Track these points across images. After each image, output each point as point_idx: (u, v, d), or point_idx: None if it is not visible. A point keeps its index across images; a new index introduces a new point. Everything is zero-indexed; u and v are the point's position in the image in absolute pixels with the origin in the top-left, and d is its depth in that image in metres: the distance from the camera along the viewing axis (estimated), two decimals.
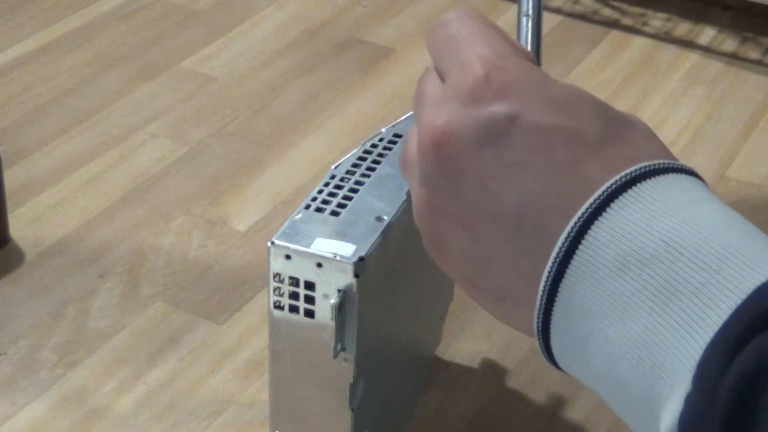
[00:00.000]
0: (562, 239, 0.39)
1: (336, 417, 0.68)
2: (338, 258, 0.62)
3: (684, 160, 1.21)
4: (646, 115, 1.19)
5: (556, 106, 0.42)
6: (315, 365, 0.66)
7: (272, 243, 0.63)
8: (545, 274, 0.40)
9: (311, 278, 0.63)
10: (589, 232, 0.39)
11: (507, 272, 0.42)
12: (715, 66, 1.28)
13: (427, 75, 0.46)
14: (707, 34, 1.34)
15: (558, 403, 0.82)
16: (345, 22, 1.34)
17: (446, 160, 0.42)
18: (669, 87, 1.24)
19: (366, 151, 0.71)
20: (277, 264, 0.63)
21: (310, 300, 0.64)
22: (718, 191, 1.07)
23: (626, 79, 1.25)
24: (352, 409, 0.67)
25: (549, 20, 1.36)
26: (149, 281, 0.93)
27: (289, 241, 0.63)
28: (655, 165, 0.40)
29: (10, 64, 1.22)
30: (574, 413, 0.82)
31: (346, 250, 0.62)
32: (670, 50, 1.31)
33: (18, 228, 0.98)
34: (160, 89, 1.19)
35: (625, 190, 0.39)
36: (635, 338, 0.38)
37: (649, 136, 0.43)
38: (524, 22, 0.53)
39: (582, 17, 1.37)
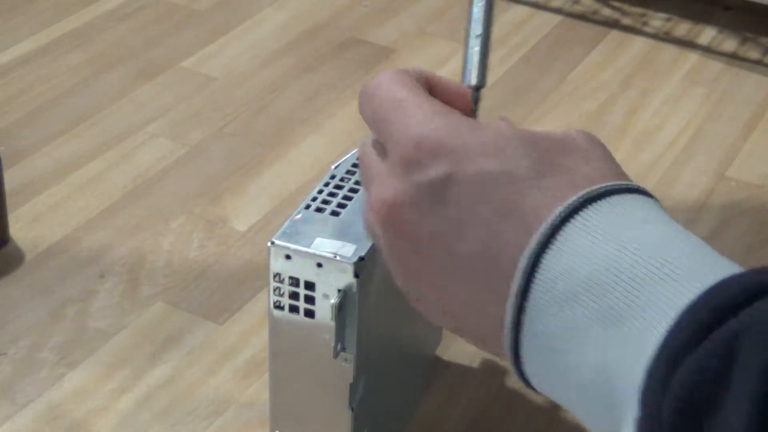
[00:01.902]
0: (514, 284, 0.41)
1: (336, 417, 0.68)
2: (338, 258, 0.62)
3: (684, 160, 1.21)
4: (646, 115, 1.19)
5: (484, 152, 0.43)
6: (315, 365, 0.66)
7: (272, 243, 0.63)
8: (506, 320, 0.42)
9: (311, 278, 0.63)
10: (537, 271, 0.40)
11: (479, 319, 0.44)
12: (715, 66, 1.28)
13: (366, 149, 0.49)
14: (707, 34, 1.34)
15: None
16: (345, 22, 1.34)
17: (401, 228, 0.44)
18: (669, 87, 1.24)
19: None
20: (277, 264, 0.63)
21: (310, 300, 0.64)
22: (718, 191, 1.07)
23: (626, 79, 1.25)
24: (352, 409, 0.67)
25: (549, 20, 1.36)
26: (149, 281, 0.93)
27: (289, 241, 0.63)
28: (593, 191, 0.41)
29: (10, 64, 1.22)
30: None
31: (346, 250, 0.62)
32: (670, 50, 1.31)
33: (18, 228, 0.98)
34: (160, 89, 1.19)
35: (566, 223, 0.40)
36: (592, 366, 0.39)
37: (589, 156, 0.44)
38: (473, 43, 0.55)
39: (582, 17, 1.37)
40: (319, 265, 0.62)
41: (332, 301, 0.63)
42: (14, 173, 1.04)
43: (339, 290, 0.63)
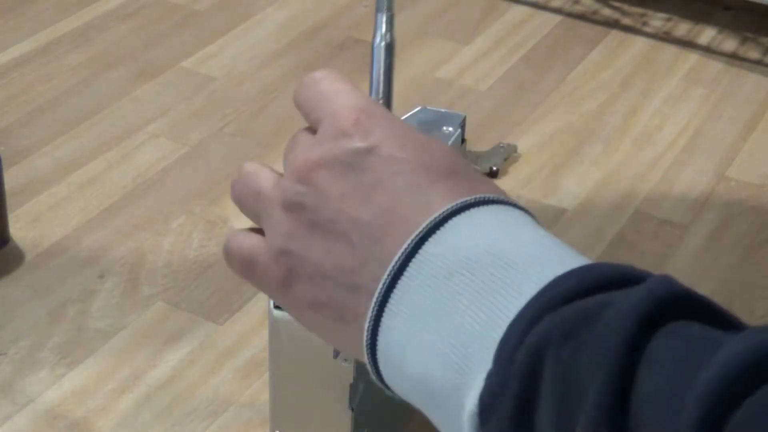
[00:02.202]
0: (399, 252, 0.44)
1: (336, 417, 0.68)
2: None
3: (684, 160, 1.21)
4: (646, 115, 1.19)
5: (414, 145, 0.47)
6: (315, 365, 0.66)
7: None
8: (379, 286, 0.44)
9: None
10: (423, 247, 0.44)
11: (353, 284, 0.46)
12: (715, 66, 1.28)
13: (297, 132, 0.52)
14: (707, 34, 1.34)
15: None
16: (345, 22, 1.34)
17: (315, 182, 0.47)
18: (669, 87, 1.24)
19: None
20: None
21: None
22: (718, 191, 1.07)
23: (626, 79, 1.25)
24: (352, 409, 0.67)
25: (549, 20, 1.36)
26: (149, 281, 0.93)
27: None
28: (487, 197, 0.45)
29: (10, 64, 1.22)
30: None
31: None
32: (670, 50, 1.31)
33: (18, 228, 0.98)
34: (160, 89, 1.19)
35: (459, 213, 0.44)
36: (449, 334, 0.42)
37: (489, 180, 0.49)
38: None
39: (582, 17, 1.37)
40: None
41: None
42: (14, 173, 1.04)
43: None
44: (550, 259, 0.42)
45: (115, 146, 1.10)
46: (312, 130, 0.51)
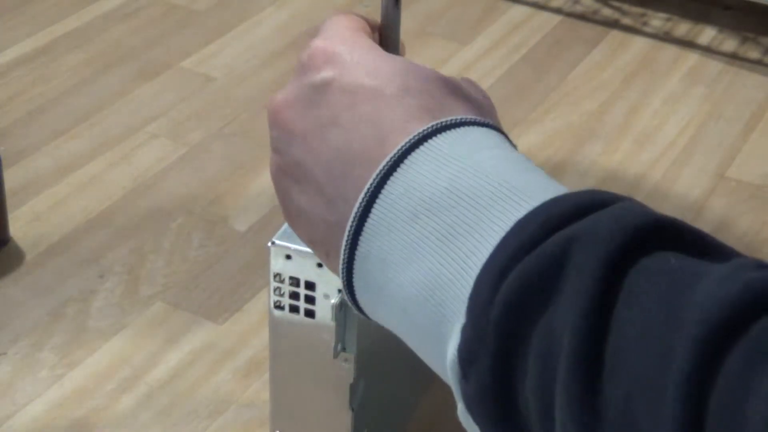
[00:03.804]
0: (361, 196, 0.43)
1: (336, 417, 0.68)
2: None
3: (684, 160, 1.21)
4: (646, 115, 1.19)
5: (365, 70, 0.46)
6: (315, 365, 0.66)
7: (273, 243, 0.63)
8: (347, 228, 0.44)
9: (312, 278, 0.63)
10: (385, 187, 0.43)
11: (326, 226, 0.46)
12: (715, 66, 1.28)
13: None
14: (707, 34, 1.34)
15: None
16: None
17: (282, 125, 0.47)
18: (669, 87, 1.24)
19: None
20: (278, 264, 0.63)
21: (310, 300, 0.64)
22: (718, 191, 1.07)
23: (626, 79, 1.25)
24: (352, 409, 0.67)
25: (549, 20, 1.36)
26: (149, 281, 0.93)
27: (290, 241, 0.63)
28: (448, 121, 0.44)
29: (10, 64, 1.22)
30: None
31: None
32: (670, 50, 1.31)
33: (18, 228, 0.98)
34: (160, 89, 1.19)
35: (419, 146, 0.43)
36: (421, 281, 0.41)
37: (461, 93, 0.46)
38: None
39: (582, 17, 1.37)
40: (320, 265, 0.62)
41: (333, 301, 0.63)
42: (14, 173, 1.04)
43: (339, 290, 0.63)
44: (514, 193, 0.40)
45: (115, 146, 1.10)
46: None
